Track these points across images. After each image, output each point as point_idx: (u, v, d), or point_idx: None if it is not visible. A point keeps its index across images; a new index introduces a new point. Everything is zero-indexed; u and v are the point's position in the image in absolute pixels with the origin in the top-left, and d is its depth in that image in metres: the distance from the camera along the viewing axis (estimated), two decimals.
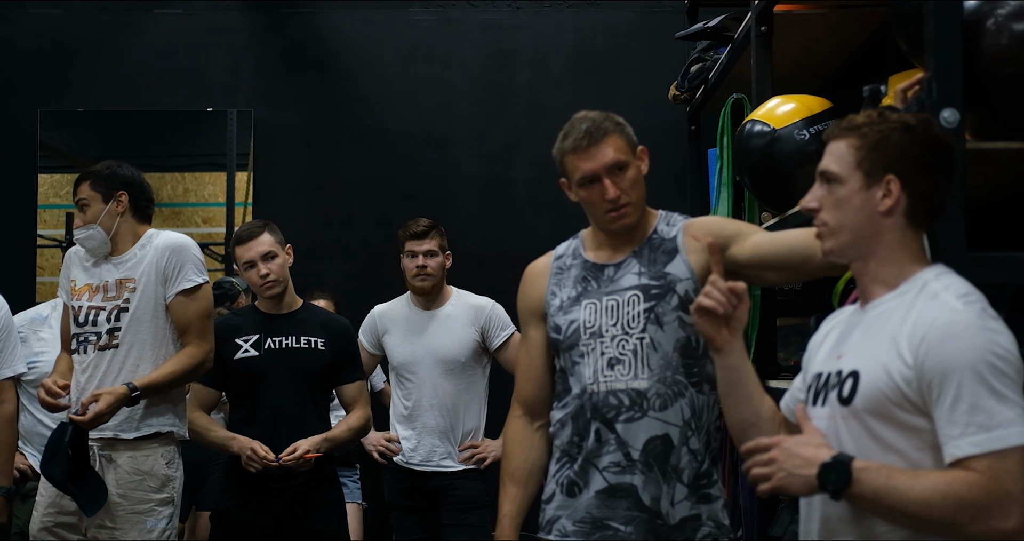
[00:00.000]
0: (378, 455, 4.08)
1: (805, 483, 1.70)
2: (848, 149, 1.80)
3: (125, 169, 3.40)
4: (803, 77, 3.74)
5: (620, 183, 2.35)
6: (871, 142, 1.79)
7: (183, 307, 3.26)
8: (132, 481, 3.20)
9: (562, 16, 5.55)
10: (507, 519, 2.46)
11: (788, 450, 1.72)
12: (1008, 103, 2.10)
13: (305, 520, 3.44)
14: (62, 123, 5.57)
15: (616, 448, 2.33)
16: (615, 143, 2.36)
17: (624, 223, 2.39)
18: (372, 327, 4.16)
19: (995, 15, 2.09)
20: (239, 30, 5.59)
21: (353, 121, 5.54)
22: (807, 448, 1.71)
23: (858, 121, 1.82)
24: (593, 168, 2.35)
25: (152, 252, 3.29)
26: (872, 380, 1.73)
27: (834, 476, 1.66)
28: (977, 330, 1.66)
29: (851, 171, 1.80)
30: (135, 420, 3.21)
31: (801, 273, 2.31)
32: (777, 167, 2.77)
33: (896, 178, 1.78)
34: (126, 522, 3.16)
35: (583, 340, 2.38)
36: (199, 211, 5.57)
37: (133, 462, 3.21)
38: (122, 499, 3.18)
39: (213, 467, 4.49)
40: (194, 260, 3.31)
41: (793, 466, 1.70)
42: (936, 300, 1.72)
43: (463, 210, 5.48)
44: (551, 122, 5.65)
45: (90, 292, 3.31)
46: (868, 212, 1.79)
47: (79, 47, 5.56)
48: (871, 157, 1.78)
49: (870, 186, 1.79)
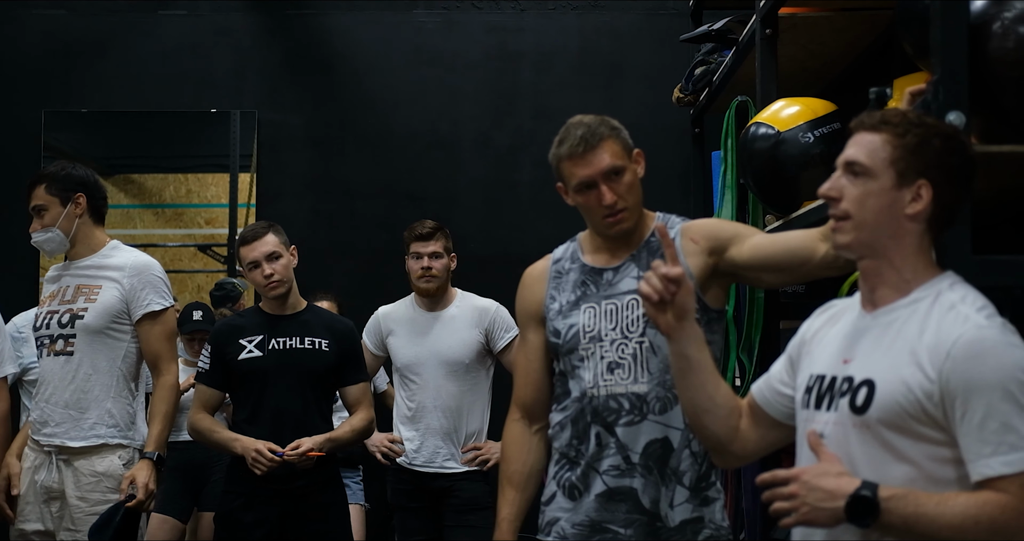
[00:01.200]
0: (381, 456, 4.08)
1: (831, 516, 1.66)
2: (884, 144, 1.76)
3: (79, 169, 3.40)
4: (808, 80, 3.74)
5: (616, 188, 2.35)
6: (911, 143, 1.75)
7: (153, 330, 3.28)
8: (89, 483, 3.20)
9: (566, 18, 5.55)
10: (505, 523, 2.46)
11: (809, 484, 1.68)
12: (1014, 106, 2.09)
13: (308, 521, 3.44)
14: (66, 124, 5.58)
15: (616, 451, 2.33)
16: (611, 148, 2.35)
17: (622, 228, 2.39)
18: (376, 328, 4.15)
19: (1001, 18, 2.08)
20: (243, 31, 5.59)
21: (357, 123, 5.54)
22: (828, 479, 1.68)
23: (896, 118, 1.77)
24: (589, 174, 2.35)
25: (117, 267, 3.30)
26: (890, 391, 1.70)
27: (863, 510, 1.63)
28: (1005, 347, 1.64)
29: (884, 167, 1.75)
30: (83, 428, 3.23)
31: (799, 274, 2.30)
32: (781, 170, 2.76)
33: (929, 184, 1.74)
34: (86, 524, 3.17)
35: (583, 344, 2.37)
36: (202, 212, 5.57)
37: (89, 464, 3.22)
38: (81, 501, 3.19)
39: (215, 468, 4.49)
40: (163, 283, 3.34)
41: (816, 500, 1.67)
42: (956, 312, 1.69)
43: (467, 212, 5.48)
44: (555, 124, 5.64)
45: (51, 299, 3.33)
46: (894, 213, 1.75)
47: (83, 48, 5.57)
48: (908, 158, 1.74)
49: (901, 187, 1.75)
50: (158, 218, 5.56)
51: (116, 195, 5.68)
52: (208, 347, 3.53)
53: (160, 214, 5.57)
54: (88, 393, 3.24)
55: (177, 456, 4.66)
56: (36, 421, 3.28)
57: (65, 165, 3.39)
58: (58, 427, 3.24)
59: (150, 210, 5.54)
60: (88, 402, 3.23)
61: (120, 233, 5.56)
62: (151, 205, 5.53)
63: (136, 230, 5.55)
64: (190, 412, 3.57)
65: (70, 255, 3.36)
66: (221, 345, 3.49)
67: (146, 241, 5.49)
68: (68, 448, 3.22)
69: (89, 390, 3.24)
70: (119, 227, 5.56)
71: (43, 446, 3.25)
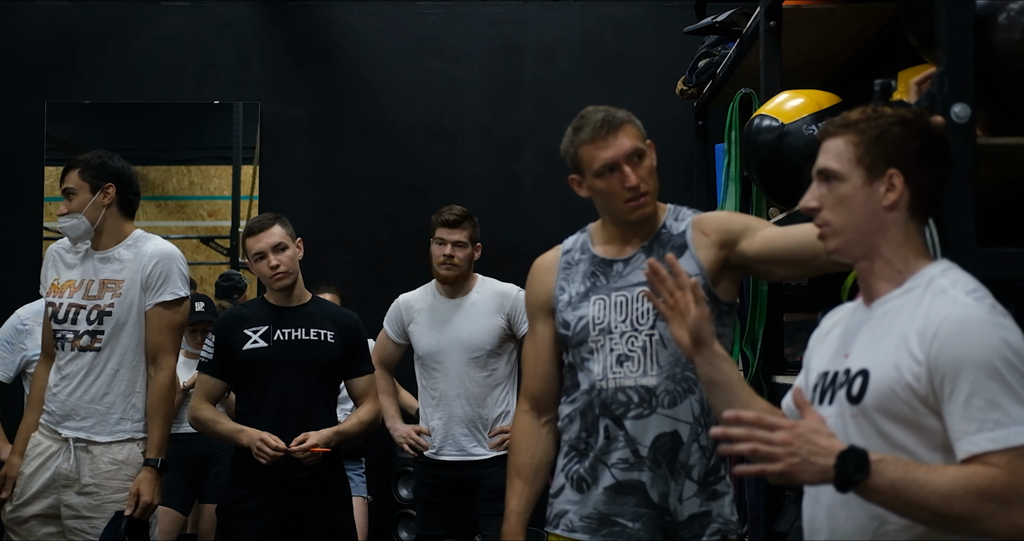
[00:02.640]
0: (408, 447, 4.06)
1: (819, 471, 1.63)
2: (847, 146, 1.78)
3: (116, 161, 3.38)
4: (812, 72, 3.73)
5: (639, 171, 2.35)
6: (870, 137, 1.77)
7: (161, 318, 3.26)
8: (108, 470, 3.20)
9: (570, 10, 5.54)
10: (514, 515, 2.45)
11: (805, 436, 1.64)
12: (1020, 98, 2.09)
13: (311, 513, 3.44)
14: (69, 115, 5.58)
15: (625, 445, 2.32)
16: (631, 132, 2.36)
17: (643, 212, 2.37)
18: (397, 316, 4.11)
19: (1007, 10, 2.07)
20: (246, 23, 5.59)
21: (360, 114, 5.53)
22: (823, 437, 1.66)
23: (853, 117, 1.80)
24: (613, 156, 2.34)
25: (139, 256, 3.29)
26: (882, 378, 1.71)
27: (853, 465, 1.61)
28: (991, 326, 1.65)
29: (852, 168, 1.78)
30: (110, 424, 3.23)
31: (811, 267, 2.30)
32: (785, 162, 2.76)
33: (899, 172, 1.76)
34: (103, 511, 3.17)
35: (592, 337, 2.37)
36: (204, 204, 5.57)
37: (109, 452, 3.22)
38: (98, 488, 3.19)
39: (217, 459, 4.49)
40: (181, 272, 3.32)
41: (809, 453, 1.63)
42: (945, 296, 1.70)
43: (469, 204, 5.42)
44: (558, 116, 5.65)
45: (71, 289, 3.30)
46: (872, 208, 1.77)
47: (86, 39, 5.56)
48: (871, 152, 1.76)
49: (872, 181, 1.77)
50: (161, 210, 5.56)
51: None
52: (212, 337, 3.53)
53: (163, 206, 5.57)
54: (114, 388, 3.24)
55: (178, 447, 4.65)
56: (56, 413, 3.26)
57: (102, 154, 3.38)
58: (84, 421, 3.24)
59: (153, 202, 5.54)
60: (115, 398, 3.24)
61: None
62: (154, 197, 5.53)
63: (139, 222, 5.47)
64: (192, 402, 3.56)
65: (94, 244, 3.34)
66: (226, 335, 3.49)
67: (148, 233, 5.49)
68: (94, 442, 3.23)
69: (115, 385, 3.24)
70: None
71: (61, 435, 3.25)
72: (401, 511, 5.08)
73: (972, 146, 1.97)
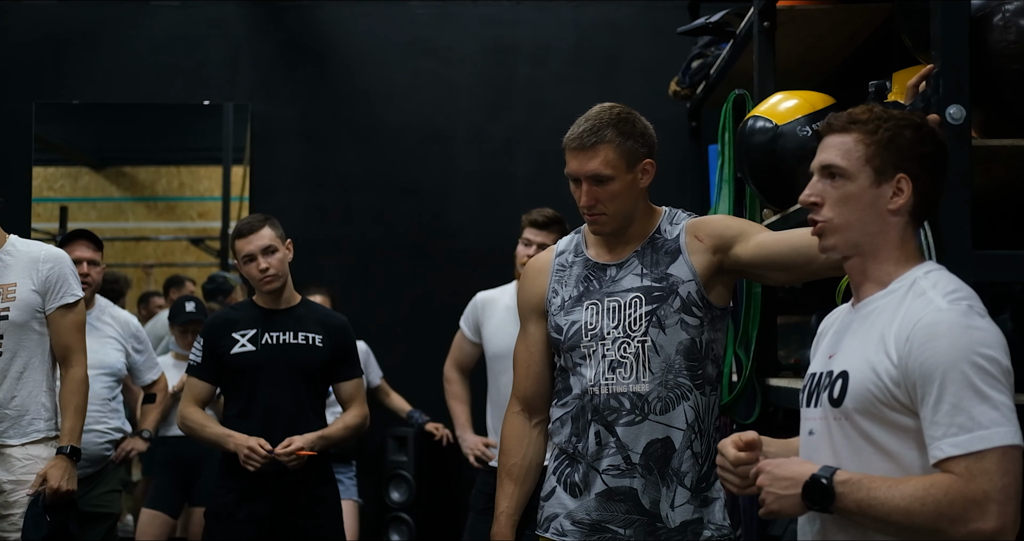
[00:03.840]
0: (474, 459, 4.01)
1: (795, 503, 1.70)
2: (856, 144, 1.76)
3: None
4: (806, 73, 3.71)
5: (597, 193, 2.33)
6: (883, 139, 1.75)
7: (65, 320, 3.27)
8: (24, 465, 3.19)
9: (563, 11, 5.51)
10: (504, 517, 2.45)
11: (772, 473, 1.71)
12: (1015, 100, 2.08)
13: (301, 517, 3.42)
14: (57, 116, 5.54)
15: (616, 451, 2.31)
16: (605, 155, 2.32)
17: (597, 229, 2.38)
18: (473, 314, 4.06)
19: (1002, 11, 2.06)
20: (237, 23, 5.55)
21: (352, 115, 5.50)
22: (789, 467, 1.71)
23: (863, 116, 1.78)
24: (574, 170, 2.35)
25: (27, 260, 3.27)
26: (861, 380, 1.71)
27: (818, 495, 1.66)
28: (961, 330, 1.64)
29: (860, 167, 1.76)
30: (23, 426, 3.21)
31: (805, 272, 2.29)
32: (779, 164, 2.74)
33: (907, 177, 1.75)
34: (23, 506, 3.15)
35: (584, 342, 2.35)
36: (194, 205, 5.55)
37: (22, 450, 3.21)
38: (16, 485, 3.17)
39: (206, 463, 4.46)
40: (73, 274, 3.34)
41: (780, 488, 1.70)
42: (923, 298, 1.70)
43: (462, 206, 5.45)
44: (551, 118, 5.65)
45: None
46: (877, 210, 1.76)
47: (75, 39, 5.53)
48: (882, 154, 1.75)
49: (880, 184, 1.75)
50: (150, 211, 5.54)
51: (108, 188, 5.65)
52: (200, 340, 3.51)
53: (152, 207, 5.54)
54: (22, 390, 3.23)
55: (167, 451, 4.64)
56: None
57: None
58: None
59: (142, 203, 5.51)
60: (24, 400, 3.23)
61: (112, 226, 5.54)
62: (143, 198, 5.50)
63: (128, 223, 5.52)
64: (180, 406, 3.54)
65: None
66: (214, 338, 3.47)
67: (138, 234, 5.47)
68: (7, 446, 3.20)
69: (22, 387, 3.23)
70: (111, 220, 5.54)
71: None
72: (393, 515, 5.06)
73: (967, 148, 1.95)
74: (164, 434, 4.59)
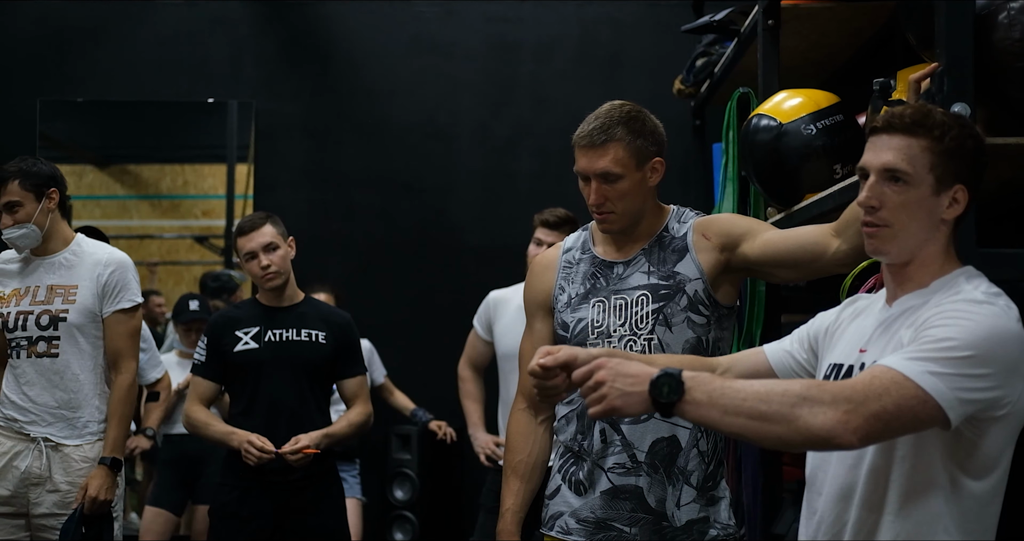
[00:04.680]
0: (485, 458, 4.01)
1: (640, 401, 1.60)
2: (923, 151, 1.71)
3: (47, 164, 3.39)
4: (810, 71, 3.70)
5: (607, 191, 2.32)
6: (948, 148, 1.71)
7: (120, 326, 3.30)
8: (81, 469, 3.22)
9: (566, 8, 5.51)
10: (509, 514, 2.44)
11: (615, 370, 1.62)
12: (1020, 97, 2.07)
13: (304, 515, 3.42)
14: (61, 113, 5.55)
15: (622, 449, 2.31)
16: (614, 153, 2.31)
17: (606, 228, 2.38)
18: (485, 313, 4.04)
19: (1007, 8, 2.06)
20: (241, 20, 5.56)
21: (355, 113, 5.51)
22: (632, 365, 1.63)
23: (930, 120, 1.72)
24: (584, 168, 2.34)
25: (91, 262, 3.30)
26: None
27: (667, 388, 1.58)
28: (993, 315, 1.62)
29: (924, 174, 1.71)
30: (78, 428, 3.25)
31: (812, 270, 2.28)
32: (783, 162, 2.73)
33: (964, 188, 1.73)
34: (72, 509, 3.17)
35: (591, 340, 2.35)
36: (199, 203, 5.55)
37: (79, 451, 3.24)
38: (72, 486, 3.20)
39: (210, 461, 4.47)
40: (135, 279, 3.37)
41: (624, 385, 1.61)
42: (959, 294, 1.68)
43: (465, 203, 5.45)
44: (554, 115, 5.64)
45: (17, 297, 3.31)
46: (934, 218, 1.73)
47: (79, 36, 5.53)
48: (947, 164, 1.71)
49: (939, 192, 1.72)
50: (154, 209, 5.54)
51: (112, 186, 5.65)
52: (204, 339, 3.51)
53: (156, 205, 5.54)
54: (78, 393, 3.26)
55: (171, 449, 4.64)
56: (19, 419, 3.26)
57: (31, 160, 3.38)
58: (50, 427, 3.25)
59: (146, 201, 5.51)
60: (79, 402, 3.26)
61: (116, 224, 5.54)
62: (147, 196, 5.50)
63: (132, 221, 5.53)
64: (186, 405, 3.54)
65: (38, 251, 3.34)
66: (217, 336, 3.47)
67: (142, 232, 5.47)
68: (64, 446, 3.24)
69: (79, 390, 3.26)
70: (115, 218, 5.54)
71: (30, 435, 3.23)
72: (396, 513, 5.06)
73: None
74: (167, 432, 4.59)
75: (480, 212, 5.44)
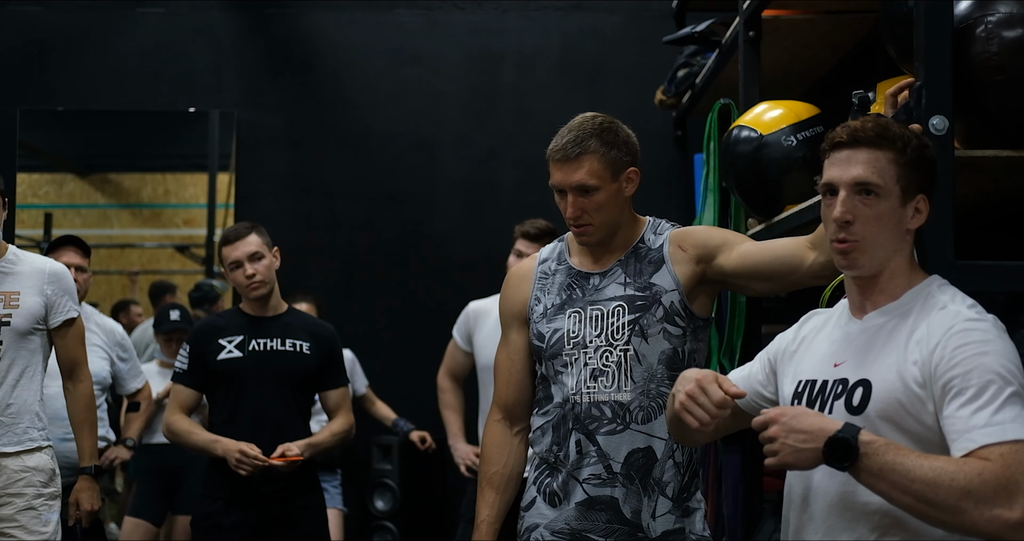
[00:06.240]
0: (465, 469, 3.99)
1: (811, 457, 1.63)
2: (889, 163, 1.75)
3: None
4: (791, 83, 3.73)
5: (583, 204, 2.33)
6: (911, 159, 1.75)
7: (72, 336, 3.34)
8: (22, 478, 3.20)
9: (549, 19, 5.52)
10: (485, 525, 2.43)
11: (788, 425, 1.65)
12: (998, 110, 2.09)
13: (287, 525, 3.41)
14: (42, 122, 5.52)
15: (597, 460, 2.31)
16: (589, 166, 2.32)
17: (584, 240, 2.39)
18: (465, 324, 4.03)
19: (985, 22, 2.08)
20: (222, 30, 5.55)
21: (337, 123, 5.50)
22: (809, 419, 1.65)
23: (891, 132, 1.76)
24: (559, 182, 2.35)
25: (32, 270, 3.29)
26: (886, 389, 1.71)
27: (841, 453, 1.61)
28: (998, 334, 1.68)
29: (892, 185, 1.75)
30: (17, 434, 3.22)
31: (788, 282, 2.30)
32: (764, 173, 2.75)
33: (925, 198, 1.78)
34: (23, 517, 3.16)
35: (566, 350, 2.35)
36: (180, 213, 5.53)
37: (19, 461, 3.21)
38: (15, 497, 3.18)
39: (190, 471, 4.45)
40: (74, 290, 3.39)
41: (796, 441, 1.64)
42: (946, 311, 1.72)
43: (448, 214, 5.45)
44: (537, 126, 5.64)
45: None
46: (900, 229, 1.77)
47: (60, 45, 5.51)
48: (910, 175, 1.76)
49: (904, 203, 1.76)
50: (135, 218, 5.52)
51: (93, 195, 5.63)
52: (186, 347, 3.50)
53: (137, 214, 5.52)
54: (18, 398, 3.23)
55: (151, 458, 4.62)
56: None
57: None
58: None
59: (127, 210, 5.49)
60: (19, 407, 3.23)
61: (97, 233, 5.52)
62: (128, 205, 5.48)
63: (113, 230, 5.50)
64: (166, 413, 3.53)
65: None
66: (200, 345, 3.46)
67: (123, 241, 5.44)
68: (2, 454, 3.20)
69: (18, 395, 3.23)
70: (95, 227, 5.52)
71: None
72: (377, 523, 5.04)
73: (950, 158, 1.96)
74: (147, 442, 4.57)
75: (462, 223, 5.44)
